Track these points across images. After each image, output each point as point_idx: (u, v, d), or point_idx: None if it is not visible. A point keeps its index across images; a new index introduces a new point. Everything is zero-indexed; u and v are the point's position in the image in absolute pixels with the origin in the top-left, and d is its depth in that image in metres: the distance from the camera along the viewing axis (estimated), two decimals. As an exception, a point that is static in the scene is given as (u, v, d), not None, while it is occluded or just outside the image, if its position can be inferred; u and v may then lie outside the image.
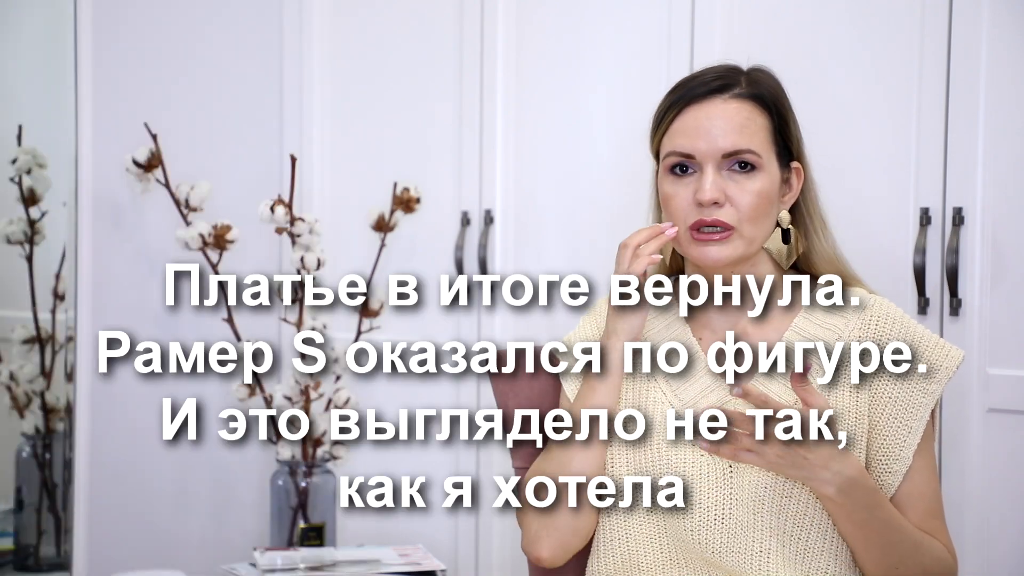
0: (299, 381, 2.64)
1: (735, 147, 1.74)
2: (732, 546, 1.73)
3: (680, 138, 1.76)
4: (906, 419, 1.75)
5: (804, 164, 1.82)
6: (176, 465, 2.93)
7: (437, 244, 2.91)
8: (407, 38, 3.00)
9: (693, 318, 1.85)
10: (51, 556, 2.81)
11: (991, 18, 2.21)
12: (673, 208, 1.77)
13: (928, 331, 1.78)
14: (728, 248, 1.75)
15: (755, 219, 1.75)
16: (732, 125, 1.75)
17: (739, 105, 1.77)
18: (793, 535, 1.73)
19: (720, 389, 1.79)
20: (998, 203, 2.22)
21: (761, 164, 1.75)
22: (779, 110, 1.79)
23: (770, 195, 1.76)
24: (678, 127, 1.77)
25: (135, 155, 2.67)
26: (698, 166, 1.75)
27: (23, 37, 2.87)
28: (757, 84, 1.79)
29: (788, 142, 1.80)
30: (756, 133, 1.76)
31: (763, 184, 1.75)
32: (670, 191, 1.78)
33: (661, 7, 2.59)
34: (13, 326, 2.81)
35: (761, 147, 1.76)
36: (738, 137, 1.75)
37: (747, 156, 1.75)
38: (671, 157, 1.77)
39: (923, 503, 1.76)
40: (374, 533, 2.80)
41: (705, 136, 1.75)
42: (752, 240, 1.76)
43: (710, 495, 1.74)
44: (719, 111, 1.76)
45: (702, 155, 1.75)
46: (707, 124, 1.75)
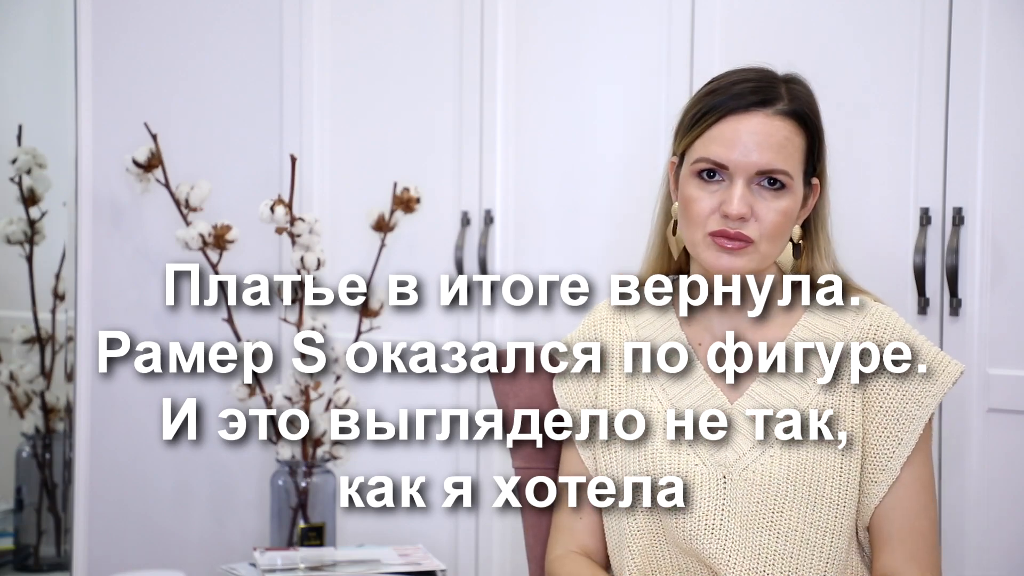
0: (299, 381, 2.64)
1: (770, 166, 1.73)
2: (727, 554, 1.73)
3: (716, 147, 1.74)
4: (896, 430, 1.74)
5: (823, 182, 1.81)
6: (176, 465, 2.93)
7: (437, 244, 2.91)
8: (407, 38, 3.00)
9: (692, 320, 1.84)
10: (51, 556, 2.81)
11: (991, 18, 2.21)
12: (694, 212, 1.75)
13: (929, 342, 1.77)
14: (743, 260, 1.74)
15: (774, 237, 1.75)
16: (771, 143, 1.73)
17: (781, 123, 1.74)
18: (784, 552, 1.72)
19: (720, 391, 1.78)
20: (998, 203, 2.22)
21: (791, 185, 1.74)
22: (815, 129, 1.78)
23: (793, 214, 1.76)
24: (715, 134, 1.75)
25: (135, 155, 2.67)
26: (728, 176, 1.74)
27: (23, 37, 2.87)
28: (798, 100, 1.77)
29: (816, 161, 1.80)
30: (792, 154, 1.75)
31: (788, 204, 1.75)
32: (695, 195, 1.76)
33: (661, 8, 2.59)
34: (13, 326, 2.81)
35: (794, 169, 1.75)
36: (775, 156, 1.73)
37: (780, 176, 1.74)
38: (702, 163, 1.75)
39: (907, 518, 1.74)
40: (374, 533, 2.80)
41: (742, 149, 1.73)
42: (767, 256, 1.76)
43: (705, 503, 1.74)
44: (761, 126, 1.74)
45: (735, 168, 1.73)
46: (746, 138, 1.73)
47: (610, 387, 1.84)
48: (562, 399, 1.88)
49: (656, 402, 1.80)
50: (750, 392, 1.77)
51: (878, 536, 1.75)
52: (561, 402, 1.88)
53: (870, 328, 1.76)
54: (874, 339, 1.76)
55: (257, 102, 3.12)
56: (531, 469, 1.94)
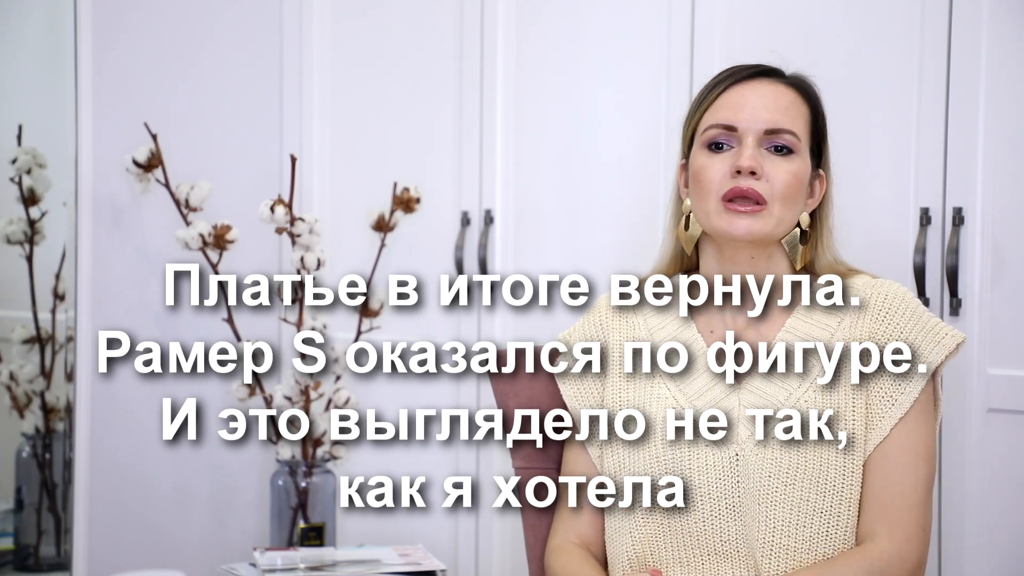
0: (299, 381, 2.64)
1: (778, 124, 1.77)
2: (744, 535, 1.73)
3: (724, 111, 1.78)
4: (892, 391, 1.75)
5: (828, 176, 1.83)
6: (176, 465, 2.93)
7: (437, 244, 2.90)
8: (407, 38, 3.00)
9: (696, 316, 1.85)
10: (51, 556, 2.81)
11: (991, 18, 2.21)
12: (705, 180, 1.77)
13: (931, 313, 1.78)
14: (759, 222, 1.75)
15: (786, 199, 1.76)
16: (778, 104, 1.78)
17: (786, 90, 1.81)
18: (799, 523, 1.72)
19: (721, 387, 1.79)
20: (998, 203, 2.22)
21: (798, 148, 1.78)
22: (818, 109, 1.84)
23: (803, 180, 1.78)
24: (723, 102, 1.79)
25: (135, 155, 2.67)
26: (737, 140, 1.77)
27: (23, 37, 2.87)
28: (800, 79, 1.84)
29: (820, 144, 1.83)
30: (798, 117, 1.79)
31: (798, 167, 1.78)
32: (704, 163, 1.78)
33: (661, 8, 2.59)
34: (13, 326, 2.81)
35: (801, 132, 1.79)
36: (782, 116, 1.77)
37: (787, 137, 1.77)
38: (711, 131, 1.78)
39: (887, 479, 1.73)
40: (374, 533, 2.80)
41: (750, 109, 1.77)
42: (780, 221, 1.77)
43: (718, 486, 1.74)
44: (766, 89, 1.79)
45: (744, 127, 1.76)
46: (753, 99, 1.78)
47: (613, 383, 1.85)
48: (570, 399, 1.88)
49: (663, 388, 1.80)
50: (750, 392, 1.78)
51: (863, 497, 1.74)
52: (570, 403, 1.88)
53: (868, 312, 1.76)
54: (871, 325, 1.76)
55: (257, 102, 3.12)
56: (531, 469, 1.94)
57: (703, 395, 1.79)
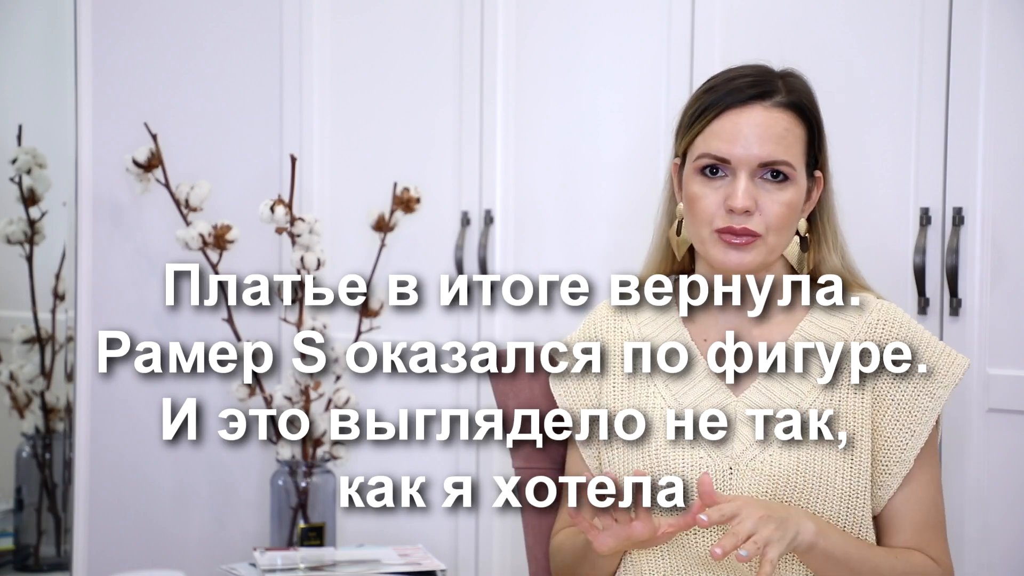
0: (299, 381, 2.64)
1: (772, 157, 1.73)
2: None
3: (717, 141, 1.75)
4: (909, 422, 1.75)
5: (826, 175, 1.82)
6: (176, 465, 2.93)
7: (437, 244, 2.90)
8: (407, 38, 3.00)
9: (693, 319, 1.85)
10: (51, 556, 2.81)
11: (991, 18, 2.21)
12: (699, 209, 1.76)
13: (935, 337, 1.78)
14: (751, 255, 1.74)
15: (781, 229, 1.75)
16: (771, 134, 1.74)
17: (780, 115, 1.75)
18: None
19: (721, 391, 1.78)
20: (998, 203, 2.22)
21: (794, 176, 1.75)
22: (815, 121, 1.79)
23: (797, 206, 1.77)
24: (715, 129, 1.75)
25: (135, 155, 2.67)
26: (731, 171, 1.74)
27: (23, 37, 2.87)
28: (795, 92, 1.78)
29: (818, 153, 1.80)
30: (793, 145, 1.76)
31: (792, 196, 1.75)
32: (699, 192, 1.76)
33: (661, 8, 2.59)
34: (13, 326, 2.81)
35: (796, 159, 1.75)
36: (775, 147, 1.74)
37: (782, 167, 1.74)
38: (704, 159, 1.76)
39: (920, 511, 1.76)
40: (374, 533, 2.80)
41: (743, 143, 1.73)
42: (774, 249, 1.76)
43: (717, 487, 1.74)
44: (760, 119, 1.74)
45: (737, 161, 1.73)
46: (746, 131, 1.74)
47: (612, 386, 1.84)
48: (561, 398, 1.88)
49: (659, 398, 1.80)
50: (750, 391, 1.77)
51: (890, 526, 1.76)
52: (560, 402, 1.88)
53: (875, 324, 1.77)
54: (879, 336, 1.76)
55: (257, 102, 3.12)
56: (531, 469, 1.94)
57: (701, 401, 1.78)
